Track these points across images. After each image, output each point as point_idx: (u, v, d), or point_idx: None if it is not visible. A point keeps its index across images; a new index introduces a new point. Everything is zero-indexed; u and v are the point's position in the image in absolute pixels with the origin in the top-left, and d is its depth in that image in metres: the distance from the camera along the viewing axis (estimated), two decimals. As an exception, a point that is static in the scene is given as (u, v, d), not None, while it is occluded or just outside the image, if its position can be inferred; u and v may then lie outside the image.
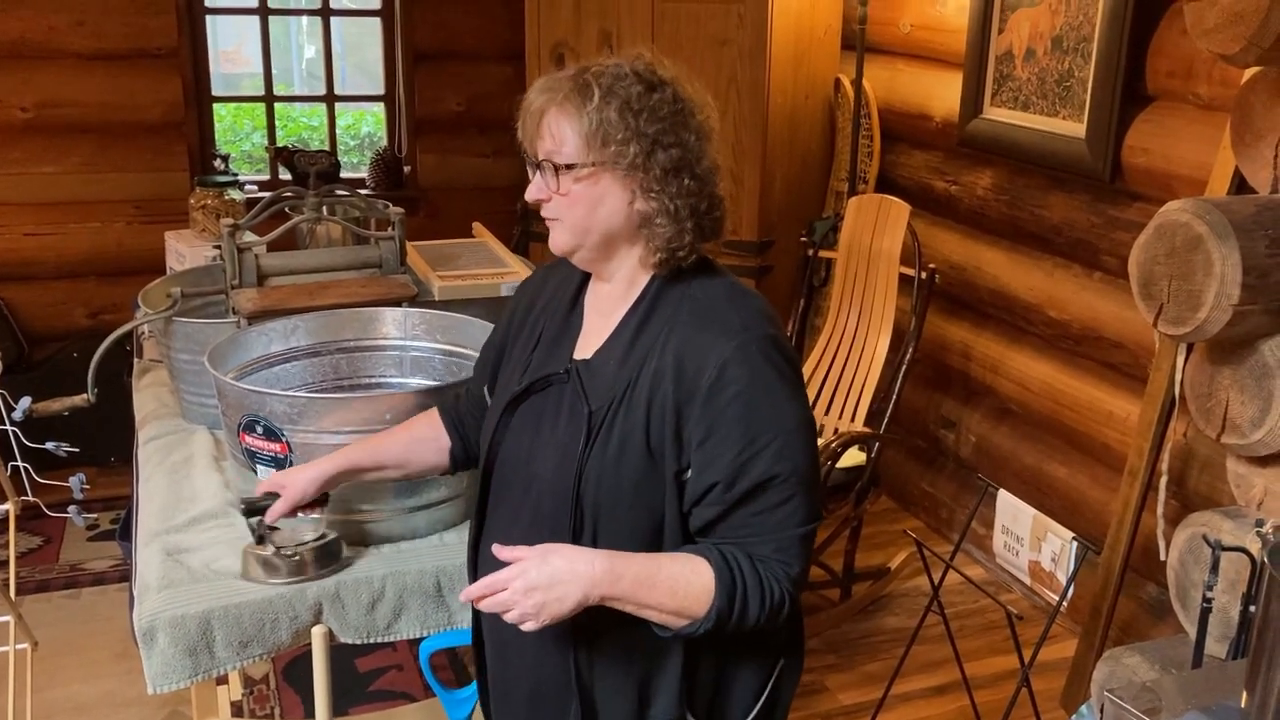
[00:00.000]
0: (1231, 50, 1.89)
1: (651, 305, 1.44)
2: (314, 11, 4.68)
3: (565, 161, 1.39)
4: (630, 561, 1.36)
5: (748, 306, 1.43)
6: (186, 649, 1.73)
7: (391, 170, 4.63)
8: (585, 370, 1.46)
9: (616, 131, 1.37)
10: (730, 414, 1.35)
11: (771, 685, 1.52)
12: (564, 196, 1.41)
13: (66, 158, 4.11)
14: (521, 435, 1.50)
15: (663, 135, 1.38)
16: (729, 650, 1.47)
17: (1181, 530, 2.08)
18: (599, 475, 1.40)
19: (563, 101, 1.39)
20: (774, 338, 1.40)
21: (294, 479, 1.70)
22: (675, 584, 1.34)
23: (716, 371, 1.35)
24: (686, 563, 1.37)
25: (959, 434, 3.76)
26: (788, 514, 1.38)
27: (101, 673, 2.97)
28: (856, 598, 3.36)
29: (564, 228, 1.43)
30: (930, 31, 3.76)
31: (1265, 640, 1.35)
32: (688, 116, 1.41)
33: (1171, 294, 1.92)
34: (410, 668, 3.01)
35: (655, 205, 1.40)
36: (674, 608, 1.35)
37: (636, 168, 1.38)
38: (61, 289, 4.20)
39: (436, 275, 2.54)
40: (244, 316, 2.27)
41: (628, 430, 1.39)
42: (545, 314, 1.57)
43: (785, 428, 1.36)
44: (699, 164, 1.41)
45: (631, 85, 1.38)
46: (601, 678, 1.46)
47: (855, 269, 3.48)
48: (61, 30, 4.01)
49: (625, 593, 1.34)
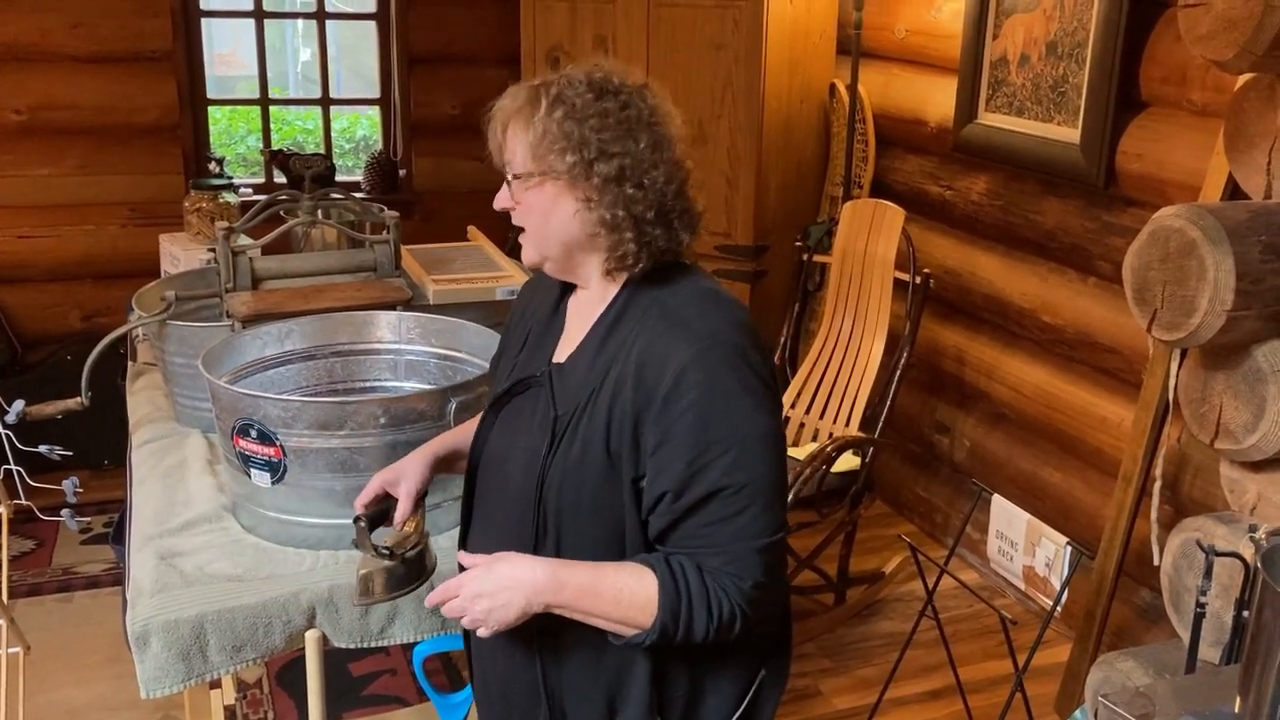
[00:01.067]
0: (1225, 56, 1.89)
1: (622, 310, 1.43)
2: (309, 15, 4.68)
3: (514, 171, 1.42)
4: (575, 570, 1.36)
5: (717, 313, 1.39)
6: (180, 653, 1.73)
7: (386, 174, 4.62)
8: (558, 374, 1.46)
9: (556, 141, 1.37)
10: (684, 422, 1.32)
11: (751, 695, 1.49)
12: (521, 206, 1.43)
13: (61, 160, 4.10)
14: (501, 437, 1.51)
15: (607, 145, 1.37)
16: (703, 658, 1.44)
17: (1175, 535, 2.09)
18: (561, 481, 1.40)
19: (518, 111, 1.40)
20: (739, 345, 1.36)
21: (405, 470, 1.62)
22: (619, 594, 1.34)
23: (674, 378, 1.33)
24: (633, 573, 1.35)
25: (953, 439, 3.77)
26: (741, 526, 1.34)
27: (94, 677, 2.96)
28: (851, 602, 3.36)
29: (527, 238, 1.46)
30: (925, 37, 3.77)
31: (1259, 645, 1.35)
32: (636, 125, 1.39)
33: (1165, 299, 1.93)
34: (404, 672, 3.01)
35: (596, 215, 1.39)
36: (619, 617, 1.35)
37: (577, 177, 1.38)
38: (56, 291, 4.19)
39: (431, 279, 2.54)
40: (238, 320, 2.27)
41: (589, 436, 1.38)
42: (534, 316, 1.58)
43: (740, 438, 1.33)
44: (647, 174, 1.38)
45: (581, 93, 1.38)
46: (570, 683, 1.45)
47: (850, 274, 3.49)
48: (57, 32, 4.00)
49: (568, 601, 1.35)
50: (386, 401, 1.88)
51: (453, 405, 1.90)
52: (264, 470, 1.88)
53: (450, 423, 1.89)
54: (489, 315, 2.46)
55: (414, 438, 1.87)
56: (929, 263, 3.65)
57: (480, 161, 5.01)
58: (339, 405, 1.86)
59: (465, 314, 2.34)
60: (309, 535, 1.92)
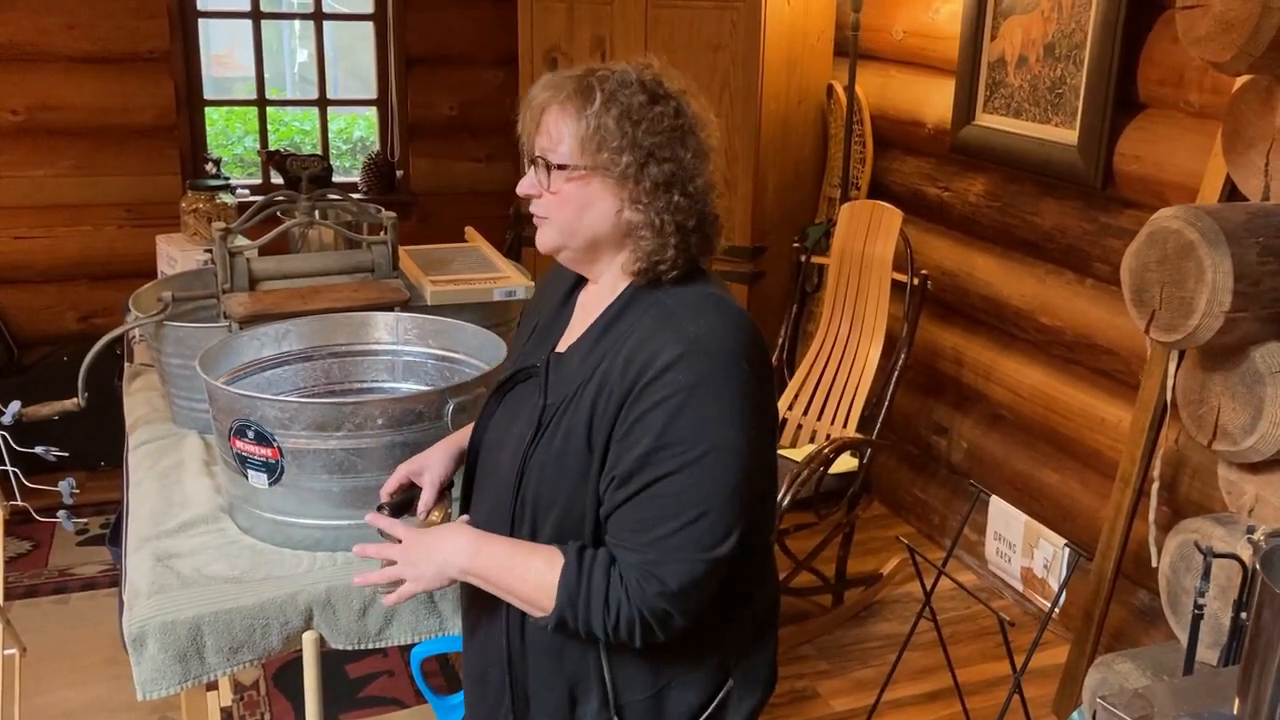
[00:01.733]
0: (1223, 58, 1.90)
1: (623, 307, 1.44)
2: (306, 15, 4.68)
3: (559, 161, 1.40)
4: (494, 543, 1.41)
5: (714, 318, 1.38)
6: (176, 655, 1.73)
7: (384, 174, 4.62)
8: (555, 364, 1.48)
9: (612, 139, 1.37)
10: (654, 414, 1.32)
11: (716, 705, 1.47)
12: (554, 195, 1.41)
13: (58, 161, 4.10)
14: (499, 424, 1.53)
15: (659, 149, 1.37)
16: (660, 660, 1.43)
17: (1173, 537, 2.09)
18: (541, 468, 1.41)
19: (564, 101, 1.39)
20: (730, 353, 1.34)
21: (430, 461, 1.63)
22: (528, 574, 1.36)
23: (656, 373, 1.32)
24: (548, 556, 1.37)
25: (951, 440, 3.77)
26: (669, 532, 1.31)
27: (90, 679, 2.95)
28: (848, 604, 3.35)
29: (551, 226, 1.44)
30: (923, 38, 3.77)
31: (1257, 647, 1.35)
32: (687, 134, 1.40)
33: (1163, 301, 1.93)
34: (401, 674, 3.00)
35: (642, 217, 1.39)
36: (526, 596, 1.37)
37: (628, 178, 1.38)
38: (52, 292, 4.18)
39: (429, 280, 2.54)
40: (235, 321, 2.26)
41: (572, 427, 1.39)
42: (545, 307, 1.59)
43: (707, 442, 1.31)
44: (692, 181, 1.40)
45: (635, 94, 1.38)
46: (534, 670, 1.46)
47: (848, 275, 3.49)
48: (53, 33, 4.00)
49: (482, 570, 1.39)
50: (384, 403, 1.87)
51: (450, 406, 1.89)
52: (261, 471, 1.87)
53: (448, 423, 1.89)
54: (486, 316, 2.45)
55: (412, 439, 1.87)
56: (927, 264, 3.65)
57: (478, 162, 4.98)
58: (336, 406, 1.86)
59: (463, 315, 2.34)
60: (306, 537, 1.92)
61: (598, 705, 1.43)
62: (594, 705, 1.44)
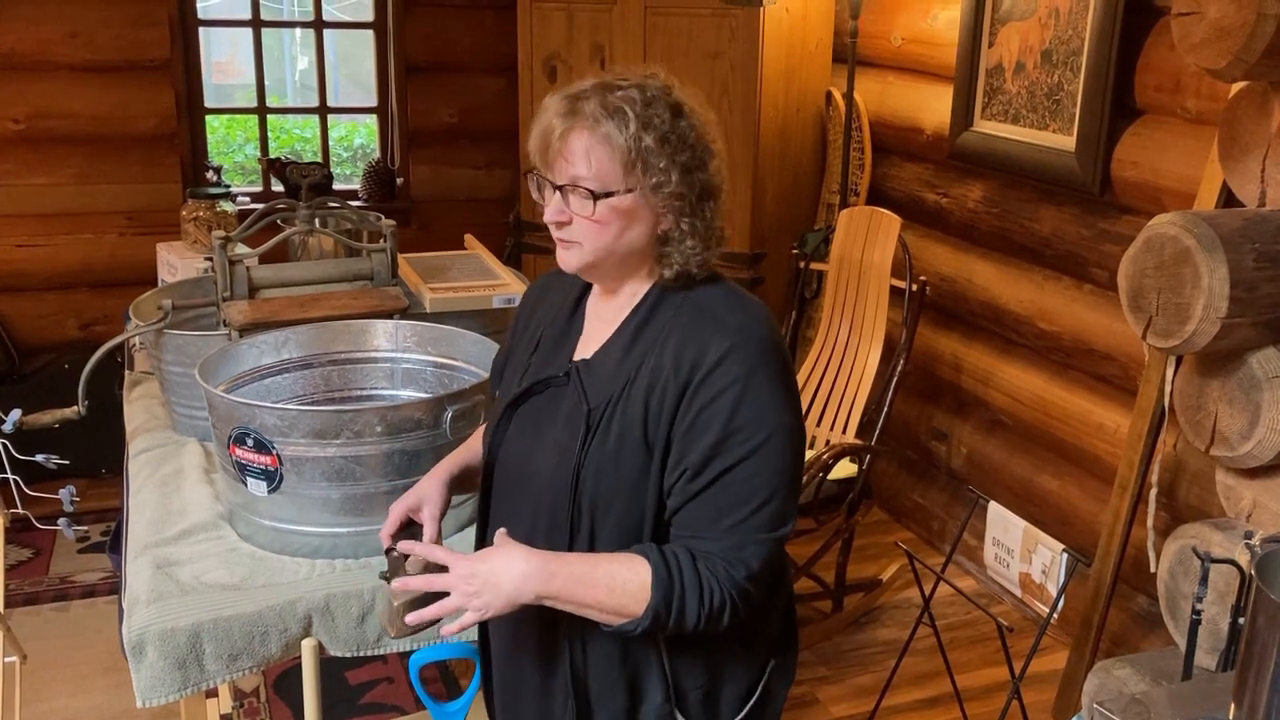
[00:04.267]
0: (1218, 65, 1.90)
1: (652, 309, 1.46)
2: (307, 23, 4.69)
3: (603, 189, 1.38)
4: (566, 561, 1.38)
5: (746, 310, 1.45)
6: (176, 662, 1.73)
7: (384, 182, 4.63)
8: (585, 370, 1.48)
9: (658, 159, 1.38)
10: (716, 405, 1.37)
11: (763, 686, 1.54)
12: (591, 220, 1.40)
13: (59, 169, 4.11)
14: (521, 437, 1.52)
15: (692, 161, 1.41)
16: (716, 650, 1.48)
17: (1171, 542, 2.09)
18: (598, 470, 1.42)
19: (593, 126, 1.37)
20: (770, 340, 1.42)
21: (426, 495, 1.60)
22: (613, 582, 1.35)
23: (710, 366, 1.37)
24: (626, 561, 1.37)
25: (950, 446, 3.77)
26: (747, 515, 1.37)
27: (90, 686, 2.95)
28: (848, 610, 3.35)
29: (585, 249, 1.43)
30: (921, 45, 3.78)
31: (1253, 652, 1.35)
32: (708, 142, 1.44)
33: (1160, 306, 1.93)
34: (401, 680, 3.01)
35: (686, 227, 1.43)
36: (613, 606, 1.36)
37: (675, 195, 1.40)
38: (53, 300, 4.19)
39: (428, 287, 2.55)
40: (235, 329, 2.27)
41: (626, 425, 1.41)
42: (546, 320, 1.60)
43: (768, 427, 1.37)
44: (717, 191, 1.45)
45: (662, 111, 1.40)
46: (596, 676, 1.48)
47: (846, 281, 3.49)
48: (54, 42, 4.01)
49: (559, 590, 1.36)
50: (383, 410, 1.88)
51: (449, 414, 1.90)
52: (260, 479, 1.88)
53: (446, 431, 1.89)
54: (486, 324, 2.46)
55: (410, 446, 1.87)
56: (925, 270, 3.66)
57: (477, 169, 4.99)
58: (335, 414, 1.86)
59: (462, 322, 2.35)
60: (305, 544, 1.92)
61: (660, 700, 1.47)
62: (657, 700, 1.47)
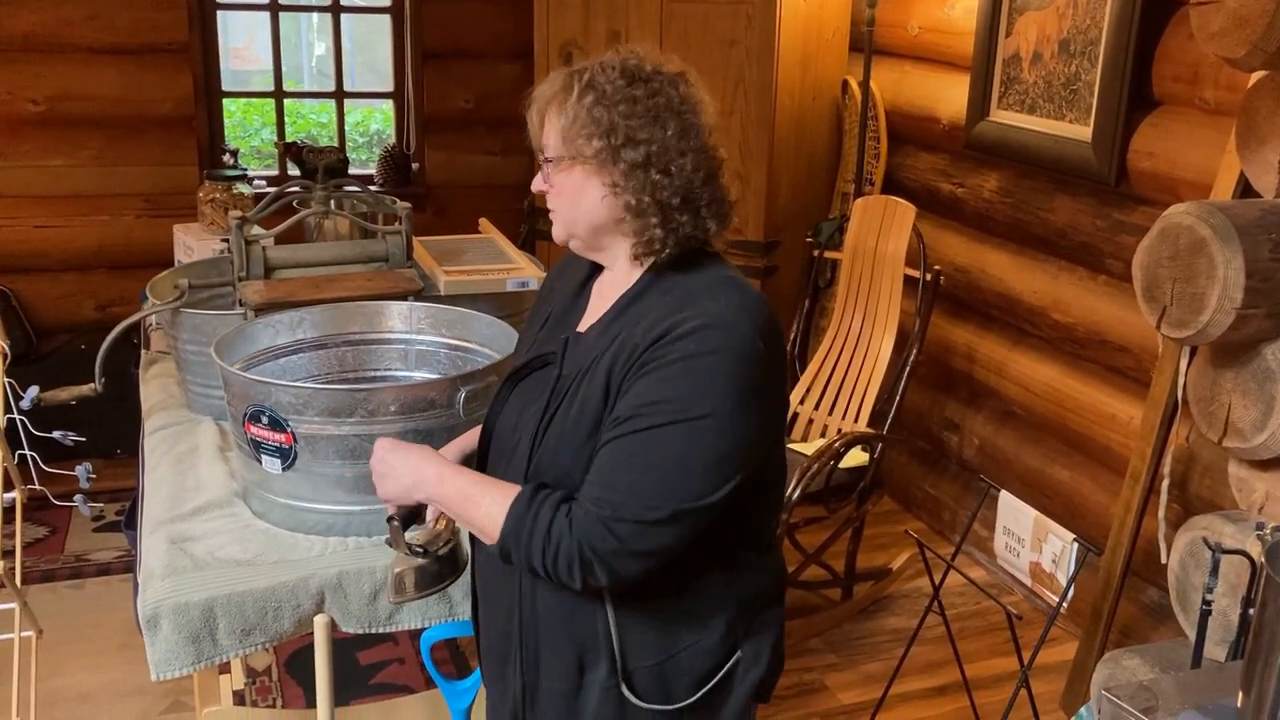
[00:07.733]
0: (1237, 54, 1.90)
1: (641, 291, 1.46)
2: (324, 8, 4.69)
3: (548, 155, 1.45)
4: (459, 474, 1.49)
5: (733, 298, 1.40)
6: (189, 636, 1.75)
7: (399, 167, 4.64)
8: (573, 343, 1.50)
9: (585, 126, 1.40)
10: (663, 370, 1.34)
11: (723, 675, 1.49)
12: (553, 189, 1.47)
13: (77, 151, 4.13)
14: (514, 410, 1.54)
15: (635, 130, 1.39)
16: (666, 627, 1.45)
17: (1183, 533, 2.09)
18: (558, 438, 1.43)
19: (552, 98, 1.44)
20: (748, 334, 1.36)
21: None
22: (489, 507, 1.41)
23: (674, 338, 1.35)
24: (506, 491, 1.41)
25: (962, 436, 3.77)
26: (640, 479, 1.33)
27: (105, 663, 2.98)
28: (858, 598, 3.36)
29: (557, 218, 1.50)
30: (938, 34, 3.77)
31: (1262, 641, 1.35)
32: (665, 112, 1.41)
33: (1175, 297, 1.93)
34: (412, 661, 3.03)
35: (622, 200, 1.42)
36: (481, 526, 1.43)
37: (605, 161, 1.41)
38: (70, 281, 4.22)
39: (443, 270, 2.55)
40: (251, 308, 2.28)
41: (588, 395, 1.41)
42: (558, 299, 1.61)
43: (709, 407, 1.32)
44: (675, 160, 1.40)
45: (613, 79, 1.41)
46: (545, 635, 1.48)
47: (860, 270, 3.49)
48: (73, 24, 4.03)
49: (444, 497, 1.48)
50: (397, 389, 1.89)
51: (462, 394, 1.91)
52: (275, 456, 1.89)
53: (459, 411, 1.90)
54: (500, 306, 2.47)
55: (424, 426, 1.89)
56: (940, 260, 3.65)
57: (493, 155, 5.00)
58: (350, 392, 1.87)
59: (476, 305, 2.36)
60: (319, 521, 1.94)
61: (605, 671, 1.46)
62: (602, 671, 1.46)
